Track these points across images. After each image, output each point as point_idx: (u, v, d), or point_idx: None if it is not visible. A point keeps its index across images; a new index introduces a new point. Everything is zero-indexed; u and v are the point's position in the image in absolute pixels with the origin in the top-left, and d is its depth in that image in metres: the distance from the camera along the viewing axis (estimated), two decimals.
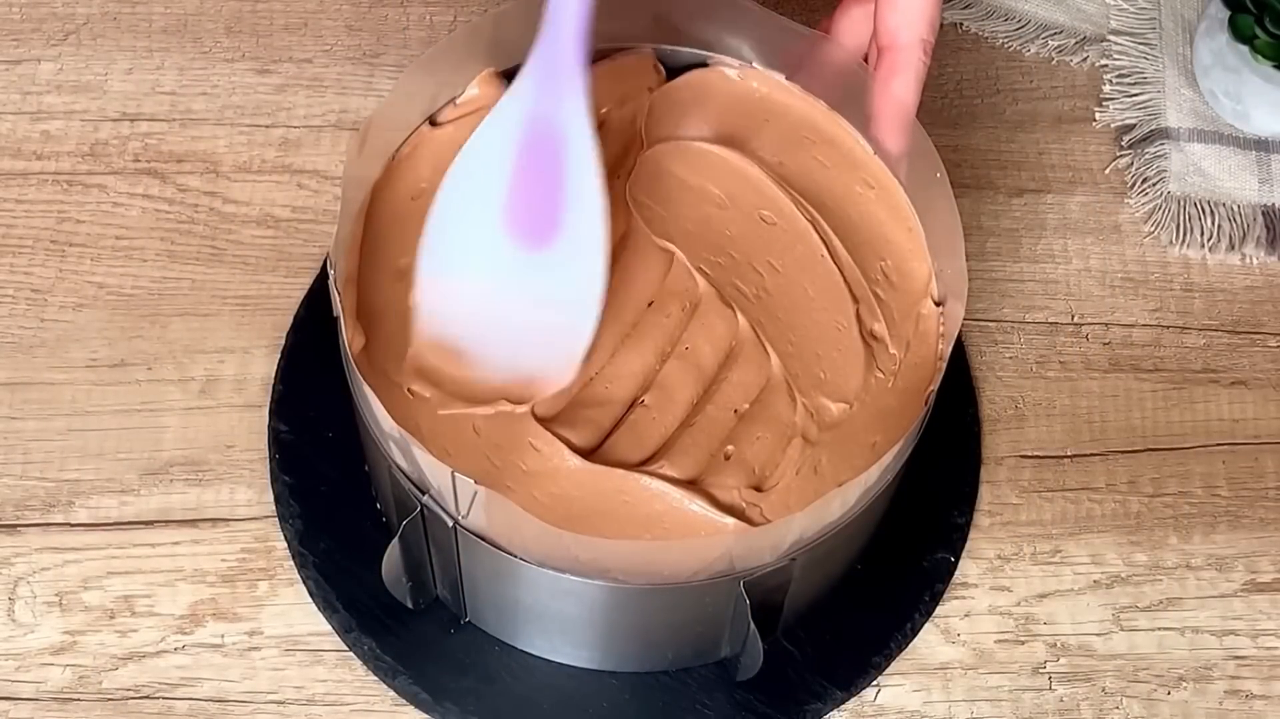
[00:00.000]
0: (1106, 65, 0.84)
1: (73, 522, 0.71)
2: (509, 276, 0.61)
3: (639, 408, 0.62)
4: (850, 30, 0.65)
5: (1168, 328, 0.78)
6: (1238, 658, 0.70)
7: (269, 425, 0.73)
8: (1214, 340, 0.77)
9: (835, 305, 0.65)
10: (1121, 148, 0.82)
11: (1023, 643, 0.70)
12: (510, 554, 0.60)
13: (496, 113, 0.59)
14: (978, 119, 0.83)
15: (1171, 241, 0.80)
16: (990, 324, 0.77)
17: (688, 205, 0.67)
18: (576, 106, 0.58)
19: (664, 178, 0.67)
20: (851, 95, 0.66)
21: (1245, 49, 0.78)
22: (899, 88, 0.63)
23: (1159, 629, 0.70)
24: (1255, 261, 0.80)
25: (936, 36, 0.63)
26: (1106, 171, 0.82)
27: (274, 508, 0.71)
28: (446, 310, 0.61)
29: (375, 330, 0.63)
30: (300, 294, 0.76)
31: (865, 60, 0.65)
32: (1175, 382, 0.76)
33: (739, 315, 0.64)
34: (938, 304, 0.65)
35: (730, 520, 0.60)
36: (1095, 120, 0.83)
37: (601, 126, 0.68)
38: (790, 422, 0.62)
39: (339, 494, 0.71)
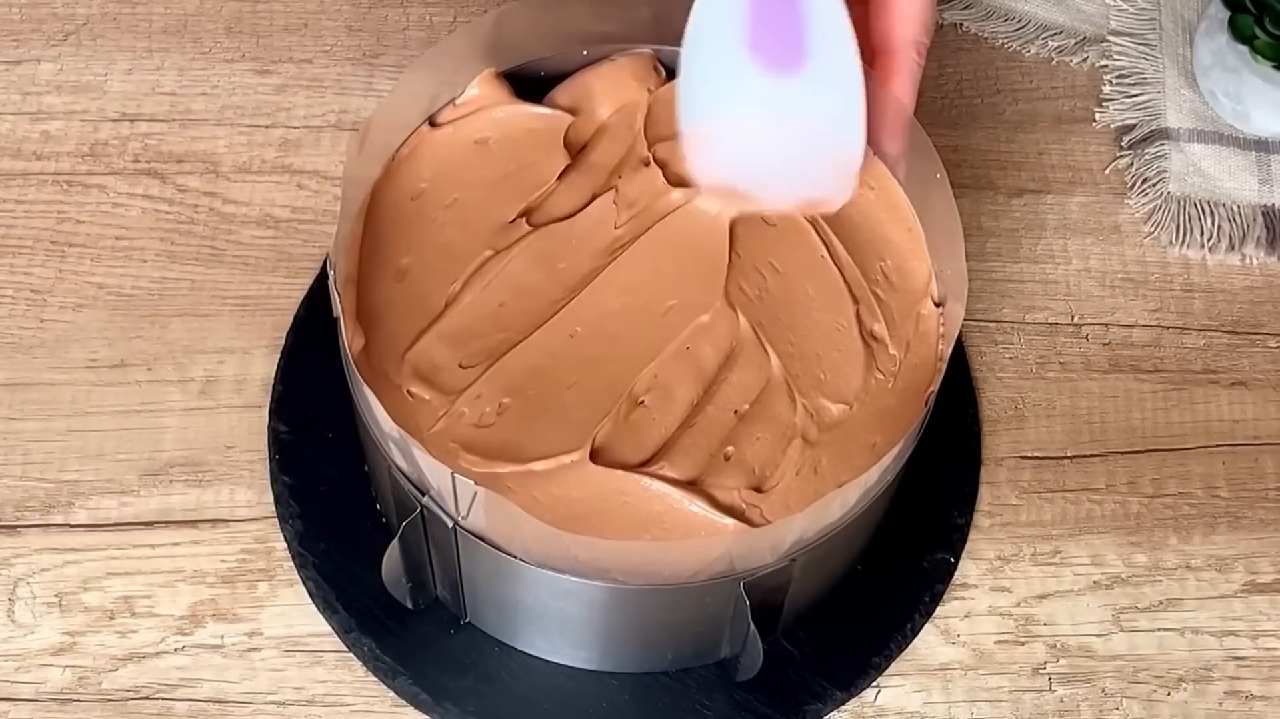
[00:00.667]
0: (1106, 66, 0.84)
1: (72, 522, 0.71)
2: (769, 106, 0.62)
3: (639, 408, 0.62)
4: None
5: (1168, 328, 0.78)
6: (1237, 658, 0.70)
7: (269, 426, 0.73)
8: (1214, 341, 0.77)
9: (835, 306, 0.65)
10: (1121, 148, 0.82)
11: (1023, 644, 0.70)
12: (510, 555, 0.60)
13: None
14: (978, 119, 0.83)
15: (1171, 242, 0.80)
16: (990, 325, 0.77)
17: None
18: None
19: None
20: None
21: (1245, 49, 0.78)
22: (895, 90, 0.63)
23: (1159, 630, 0.70)
24: (1255, 262, 0.80)
25: (932, 38, 0.63)
26: (1106, 172, 0.82)
27: (274, 508, 0.71)
28: (718, 152, 0.63)
29: (375, 331, 0.63)
30: (300, 294, 0.76)
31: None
32: (1175, 382, 0.76)
33: (740, 316, 0.64)
34: (938, 305, 0.65)
35: (730, 521, 0.60)
36: (1095, 121, 0.83)
37: (602, 127, 0.68)
38: (790, 422, 0.62)
39: (339, 494, 0.71)
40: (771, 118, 0.62)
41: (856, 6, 0.65)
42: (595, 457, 0.60)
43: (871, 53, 0.63)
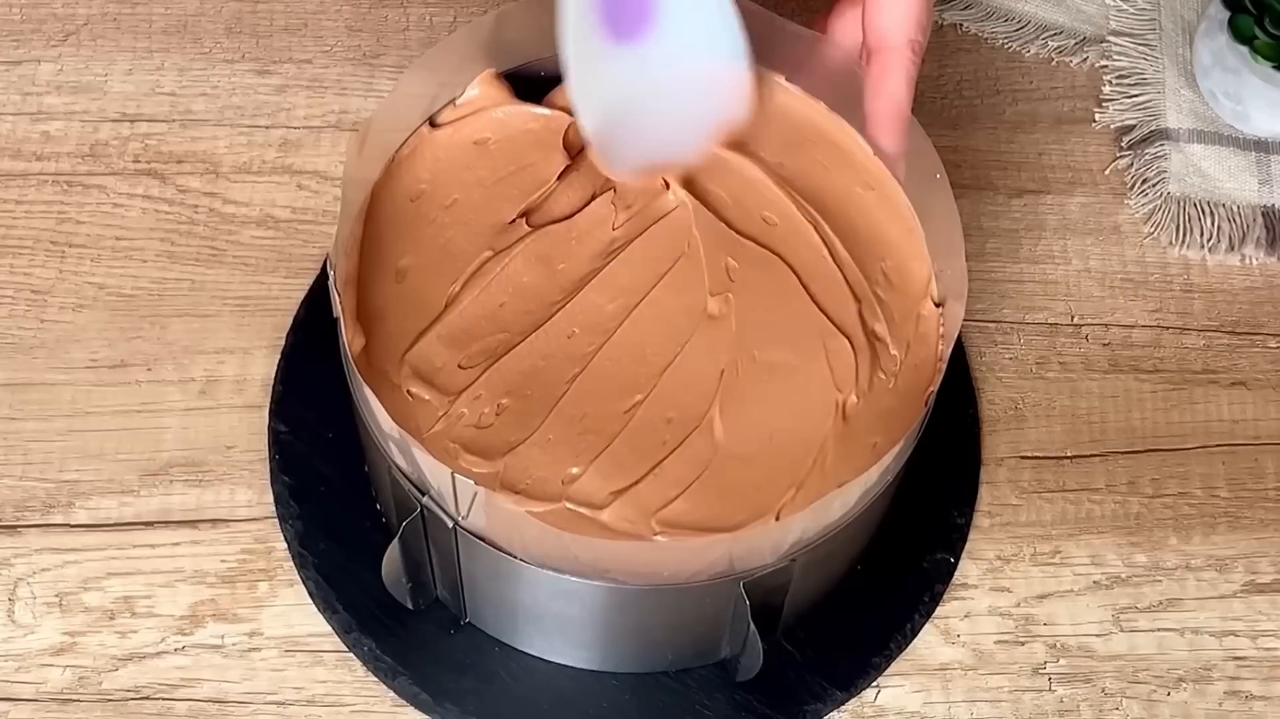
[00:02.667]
0: (1106, 66, 0.84)
1: (72, 522, 0.71)
2: (643, 75, 0.62)
3: (639, 416, 0.62)
4: (844, 32, 0.65)
5: (1167, 328, 0.78)
6: (1237, 659, 0.70)
7: (269, 426, 0.73)
8: (1214, 341, 0.77)
9: (837, 305, 0.65)
10: (1121, 148, 0.82)
11: (1022, 644, 0.70)
12: (510, 555, 0.60)
13: None
14: (978, 119, 0.83)
15: (1171, 242, 0.80)
16: (990, 325, 0.77)
17: None
18: None
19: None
20: (851, 96, 0.66)
21: (1245, 50, 0.78)
22: (891, 89, 0.63)
23: (1159, 630, 0.71)
24: (1255, 262, 0.80)
25: (928, 37, 0.63)
26: (1106, 172, 0.82)
27: (274, 508, 0.71)
28: (622, 142, 0.63)
29: (375, 331, 0.63)
30: (300, 295, 0.76)
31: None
32: (1175, 382, 0.76)
33: (738, 316, 0.64)
34: (938, 305, 0.65)
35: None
36: (1095, 121, 0.83)
37: None
38: None
39: (339, 494, 0.71)
40: (650, 84, 0.63)
41: (851, 7, 0.65)
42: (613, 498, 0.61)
43: (868, 52, 0.63)
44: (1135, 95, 0.83)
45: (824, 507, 0.59)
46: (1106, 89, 0.84)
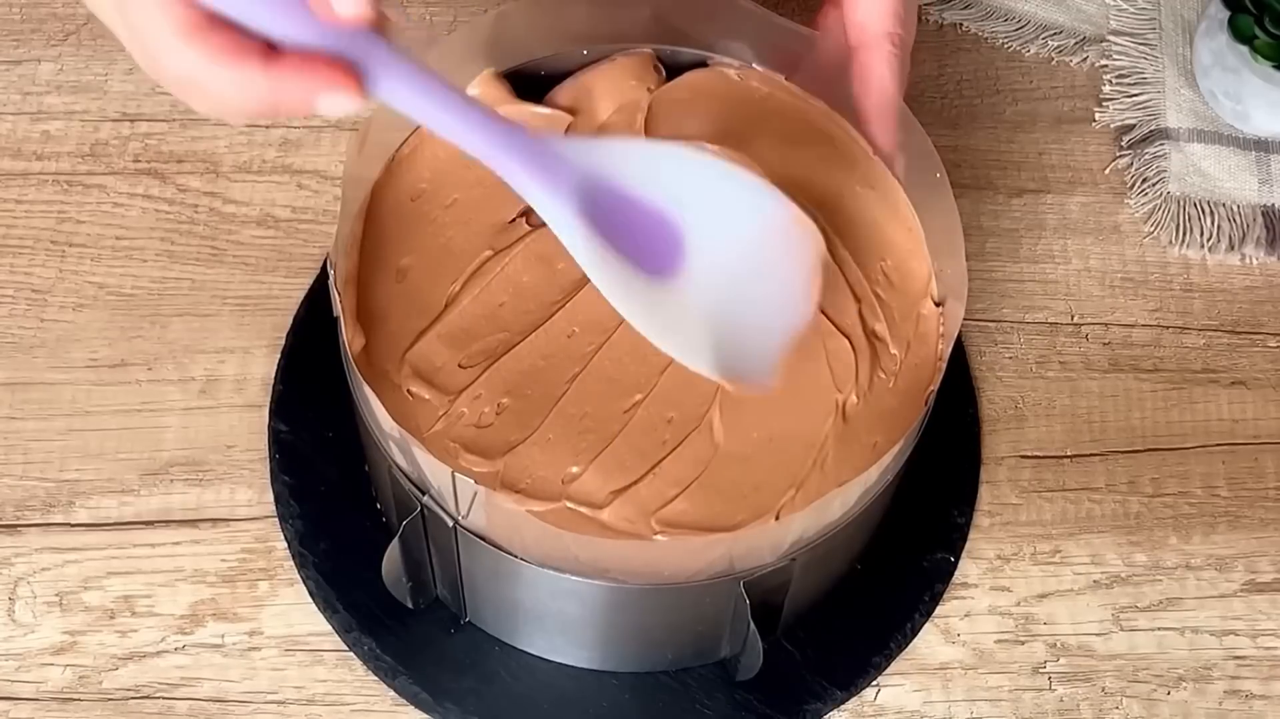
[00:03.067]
0: (1106, 65, 0.84)
1: (73, 522, 0.71)
2: (718, 276, 0.56)
3: (638, 417, 0.62)
4: (832, 32, 0.65)
5: (1167, 328, 0.78)
6: (1237, 658, 0.70)
7: (269, 425, 0.73)
8: (1214, 340, 0.77)
9: (837, 305, 0.65)
10: (1121, 148, 0.82)
11: (1023, 643, 0.70)
12: (510, 554, 0.60)
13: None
14: (978, 119, 0.83)
15: (1171, 242, 0.80)
16: (990, 324, 0.77)
17: None
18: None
19: None
20: (851, 95, 0.66)
21: (1245, 49, 0.78)
22: (876, 83, 0.63)
23: (1159, 629, 0.71)
24: (1255, 262, 0.80)
25: (912, 29, 0.64)
26: (1106, 172, 0.82)
27: (274, 508, 0.71)
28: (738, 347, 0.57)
29: (375, 330, 0.63)
30: (300, 294, 0.76)
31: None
32: (1175, 382, 0.76)
33: None
34: (938, 304, 0.65)
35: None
36: (1095, 121, 0.83)
37: (602, 127, 0.68)
38: None
39: (339, 494, 0.71)
40: (722, 289, 0.56)
41: (834, 7, 0.65)
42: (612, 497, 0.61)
43: (850, 50, 0.63)
44: (1135, 95, 0.83)
45: (824, 506, 0.59)
46: (1106, 89, 0.84)
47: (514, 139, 0.51)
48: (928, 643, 0.70)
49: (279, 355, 0.74)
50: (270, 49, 0.46)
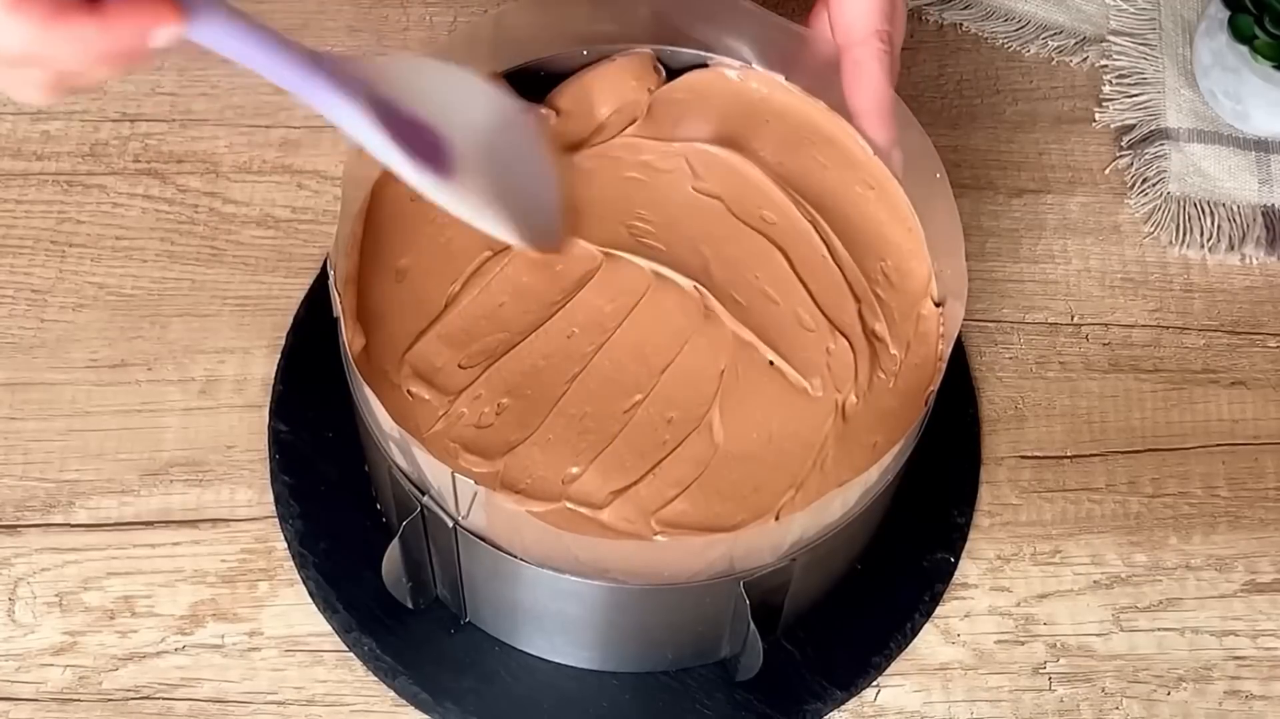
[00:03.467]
0: (1106, 66, 0.84)
1: (73, 522, 0.71)
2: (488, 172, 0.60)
3: (637, 416, 0.62)
4: (825, 32, 0.65)
5: (1167, 328, 0.78)
6: (1237, 658, 0.70)
7: (269, 425, 0.73)
8: (1214, 340, 0.77)
9: (837, 305, 0.65)
10: (1121, 148, 0.82)
11: (1023, 643, 0.70)
12: (510, 554, 0.60)
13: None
14: (978, 119, 0.83)
15: (1171, 242, 0.80)
16: (990, 324, 0.77)
17: (686, 206, 0.67)
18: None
19: None
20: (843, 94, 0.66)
21: (1245, 49, 0.78)
22: (868, 82, 0.63)
23: (1159, 630, 0.71)
24: (1255, 262, 0.80)
25: (902, 25, 0.64)
26: (1106, 172, 0.82)
27: (274, 508, 0.71)
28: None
29: (375, 331, 0.63)
30: (300, 294, 0.76)
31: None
32: (1175, 382, 0.76)
33: (736, 317, 0.64)
34: (938, 304, 0.65)
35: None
36: (1095, 121, 0.83)
37: (601, 127, 0.68)
38: None
39: (339, 494, 0.71)
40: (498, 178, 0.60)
41: (823, 8, 0.65)
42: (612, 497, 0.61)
43: (840, 50, 0.63)
44: (1135, 95, 0.83)
45: (824, 506, 0.59)
46: (1106, 89, 0.84)
47: (310, 64, 0.55)
48: (928, 643, 0.70)
49: (279, 355, 0.74)
50: (88, 3, 0.47)
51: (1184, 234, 0.80)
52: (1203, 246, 0.79)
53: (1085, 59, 0.85)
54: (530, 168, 0.62)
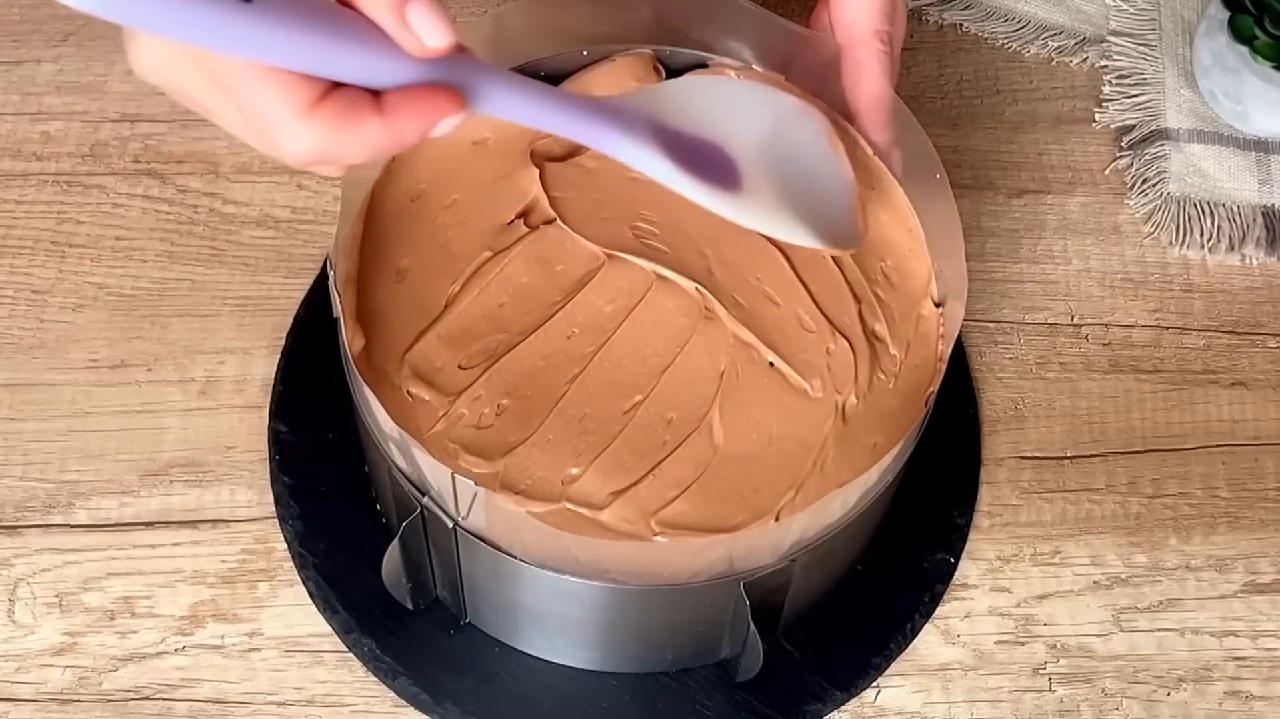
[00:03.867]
0: (1106, 66, 0.84)
1: (73, 523, 0.71)
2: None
3: (637, 417, 0.62)
4: (825, 32, 0.66)
5: (1167, 329, 0.78)
6: (1237, 659, 0.70)
7: (269, 426, 0.73)
8: (1214, 341, 0.77)
9: (837, 306, 0.65)
10: (1121, 148, 0.82)
11: (1023, 644, 0.70)
12: (510, 555, 0.60)
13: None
14: (978, 119, 0.83)
15: (1171, 242, 0.80)
16: (990, 325, 0.77)
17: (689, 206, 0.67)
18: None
19: None
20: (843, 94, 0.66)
21: (1245, 50, 0.78)
22: (867, 82, 0.63)
23: (1159, 630, 0.70)
24: (1255, 262, 0.80)
25: (902, 25, 0.64)
26: (1106, 172, 0.82)
27: (274, 509, 0.71)
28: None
29: (375, 331, 0.63)
30: (300, 295, 0.76)
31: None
32: (1175, 382, 0.76)
33: (736, 317, 0.64)
34: (938, 305, 0.65)
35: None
36: (1095, 121, 0.83)
37: None
38: None
39: (339, 494, 0.71)
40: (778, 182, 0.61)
41: (824, 8, 0.65)
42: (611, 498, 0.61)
43: (840, 49, 0.64)
44: (1135, 95, 0.83)
45: (824, 507, 0.59)
46: (1106, 89, 0.84)
47: (595, 114, 0.54)
48: (928, 644, 0.70)
49: (279, 356, 0.74)
50: (374, 95, 0.48)
51: (1184, 234, 0.80)
52: (1203, 247, 0.79)
53: (1085, 59, 0.85)
54: (819, 166, 0.62)
